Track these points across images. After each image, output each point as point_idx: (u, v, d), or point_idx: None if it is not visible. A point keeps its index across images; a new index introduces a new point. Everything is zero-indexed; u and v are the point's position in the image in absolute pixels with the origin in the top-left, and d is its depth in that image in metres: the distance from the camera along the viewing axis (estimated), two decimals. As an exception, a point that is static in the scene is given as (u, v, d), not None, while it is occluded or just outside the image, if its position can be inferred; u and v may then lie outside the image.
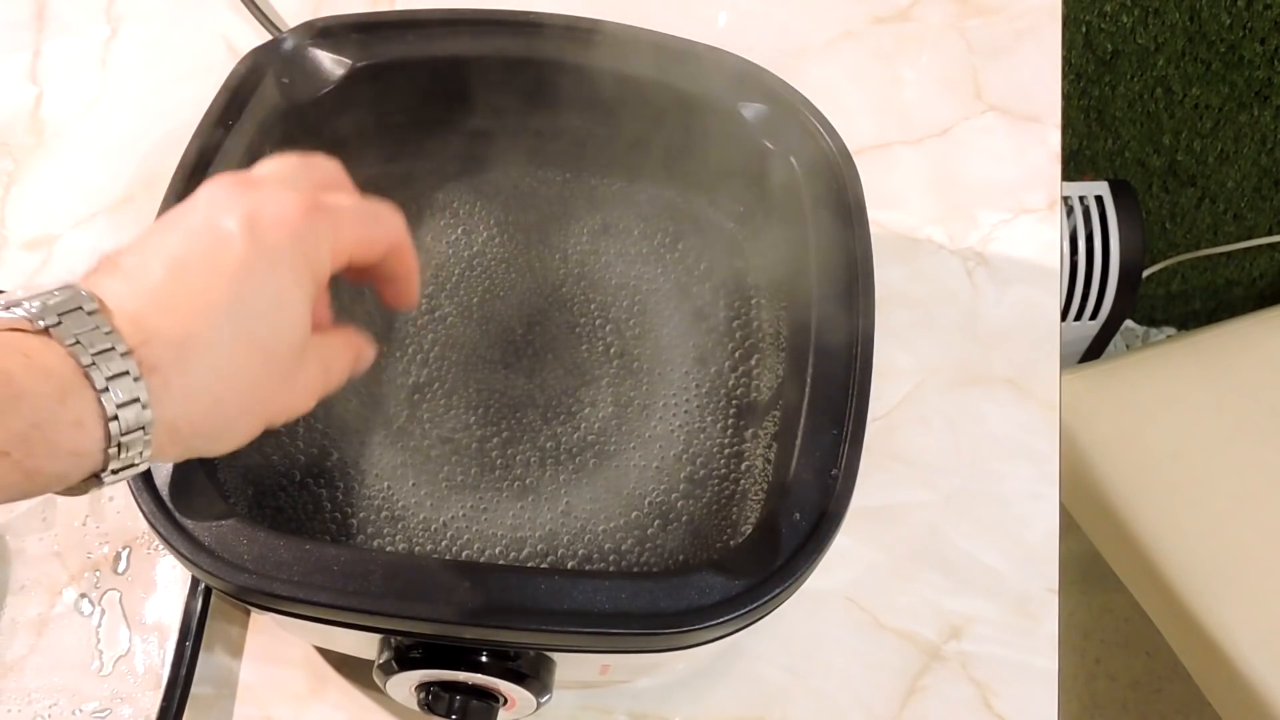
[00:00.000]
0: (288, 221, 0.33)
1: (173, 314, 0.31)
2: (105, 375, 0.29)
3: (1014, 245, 0.59)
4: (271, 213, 0.33)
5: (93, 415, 0.29)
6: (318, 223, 0.34)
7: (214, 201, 0.33)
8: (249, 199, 0.33)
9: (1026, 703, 0.51)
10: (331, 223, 0.35)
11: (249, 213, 0.33)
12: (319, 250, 0.34)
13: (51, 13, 0.65)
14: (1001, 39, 0.64)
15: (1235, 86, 1.11)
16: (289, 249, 0.33)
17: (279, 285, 0.33)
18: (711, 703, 0.51)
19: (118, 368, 0.29)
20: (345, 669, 0.51)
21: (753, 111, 0.49)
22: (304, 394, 0.35)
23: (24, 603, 0.52)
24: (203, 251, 0.32)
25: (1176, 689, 1.18)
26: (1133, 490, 0.89)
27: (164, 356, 0.30)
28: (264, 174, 0.36)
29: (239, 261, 0.32)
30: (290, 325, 0.33)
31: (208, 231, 0.32)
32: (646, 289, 0.51)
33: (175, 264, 0.32)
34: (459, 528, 0.46)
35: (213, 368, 0.31)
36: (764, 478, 0.47)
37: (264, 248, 0.32)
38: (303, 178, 0.36)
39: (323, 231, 0.34)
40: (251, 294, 0.32)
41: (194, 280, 0.31)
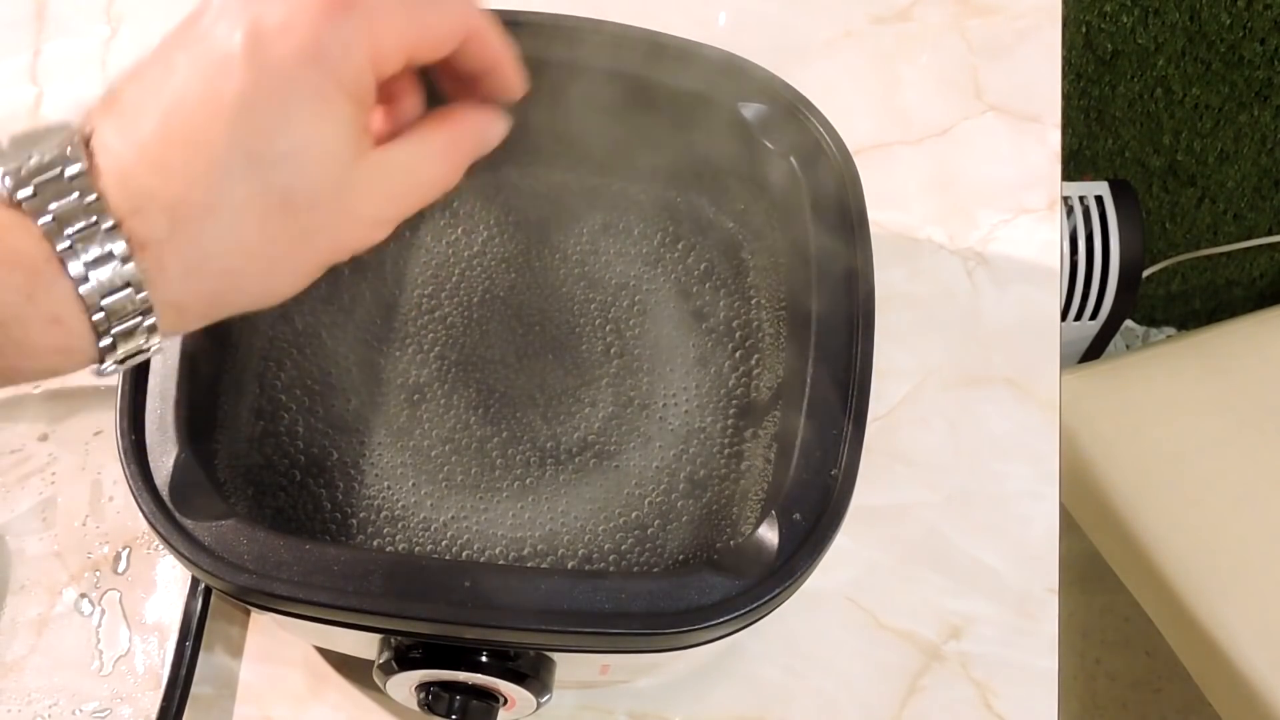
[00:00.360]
0: (299, 27, 0.26)
1: (166, 171, 0.26)
2: (84, 260, 0.25)
3: (1014, 245, 0.59)
4: (277, 18, 0.26)
5: (72, 309, 0.25)
6: (341, 22, 0.27)
7: (215, 7, 0.27)
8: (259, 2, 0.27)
9: (1026, 703, 0.51)
10: (363, 18, 0.27)
11: (252, 21, 0.26)
12: (349, 58, 0.27)
13: (51, 13, 0.65)
14: (1001, 39, 0.64)
15: (1235, 86, 1.11)
16: (304, 65, 0.26)
17: (296, 116, 0.26)
18: (711, 703, 0.51)
19: (100, 249, 0.25)
20: (345, 669, 0.51)
21: (753, 111, 0.49)
22: (371, 224, 0.29)
23: (24, 603, 0.52)
24: (200, 81, 0.26)
25: (1176, 689, 1.18)
26: (1133, 490, 0.89)
27: (157, 228, 0.25)
28: None
29: (239, 92, 0.26)
30: (320, 163, 0.27)
31: (204, 53, 0.26)
32: (646, 289, 0.51)
33: (171, 102, 0.26)
34: (459, 528, 0.46)
35: (219, 237, 0.26)
36: (764, 478, 0.47)
37: (270, 68, 0.26)
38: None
39: (351, 32, 0.27)
40: (260, 133, 0.26)
41: (189, 123, 0.26)
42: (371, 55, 0.27)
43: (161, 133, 0.26)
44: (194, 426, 0.42)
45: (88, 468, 0.54)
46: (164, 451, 0.41)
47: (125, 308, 0.25)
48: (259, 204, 0.26)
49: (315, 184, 0.27)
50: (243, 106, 0.26)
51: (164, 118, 0.26)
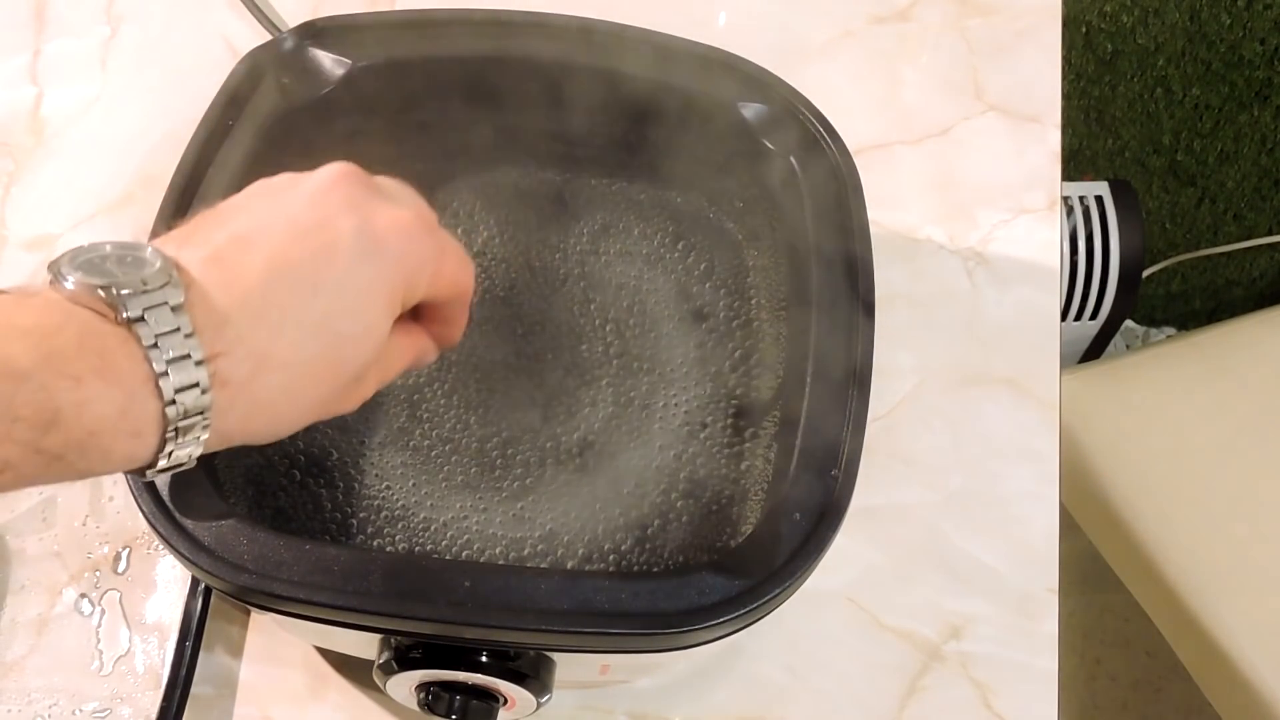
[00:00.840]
0: (405, 238, 0.32)
1: (260, 324, 0.29)
2: (174, 387, 0.28)
3: (1014, 245, 0.59)
4: (389, 223, 0.31)
5: (153, 427, 0.28)
6: (428, 249, 0.33)
7: (333, 196, 0.31)
8: (369, 203, 0.31)
9: (1026, 703, 0.51)
10: (440, 253, 0.33)
11: (367, 218, 0.31)
12: (421, 276, 0.33)
13: (51, 13, 0.65)
14: (1001, 39, 0.64)
15: (1235, 86, 1.11)
16: (395, 269, 0.32)
17: (372, 307, 0.31)
18: (711, 703, 0.51)
19: (188, 379, 0.28)
20: (345, 669, 0.51)
21: (753, 111, 0.49)
22: (357, 399, 0.34)
23: (24, 603, 0.52)
24: (309, 255, 0.30)
25: (1176, 689, 1.18)
26: (1133, 490, 0.89)
27: (239, 373, 0.29)
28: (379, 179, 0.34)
29: (339, 275, 0.30)
30: (371, 349, 0.32)
31: (319, 230, 0.31)
32: (646, 289, 0.51)
33: (276, 261, 0.30)
34: (459, 528, 0.46)
35: (284, 387, 0.30)
36: (764, 478, 0.47)
37: (368, 262, 0.31)
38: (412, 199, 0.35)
39: (429, 258, 0.33)
40: (344, 313, 0.31)
41: (291, 290, 0.30)
42: (430, 281, 0.33)
43: (265, 288, 0.29)
44: (194, 426, 0.42)
45: (88, 468, 0.54)
46: (164, 451, 0.41)
47: (191, 431, 0.29)
48: (321, 368, 0.31)
49: (363, 361, 0.32)
50: (338, 287, 0.30)
51: (269, 273, 0.29)
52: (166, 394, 0.28)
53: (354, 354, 0.32)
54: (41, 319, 0.27)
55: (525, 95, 0.50)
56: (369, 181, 0.33)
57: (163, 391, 0.28)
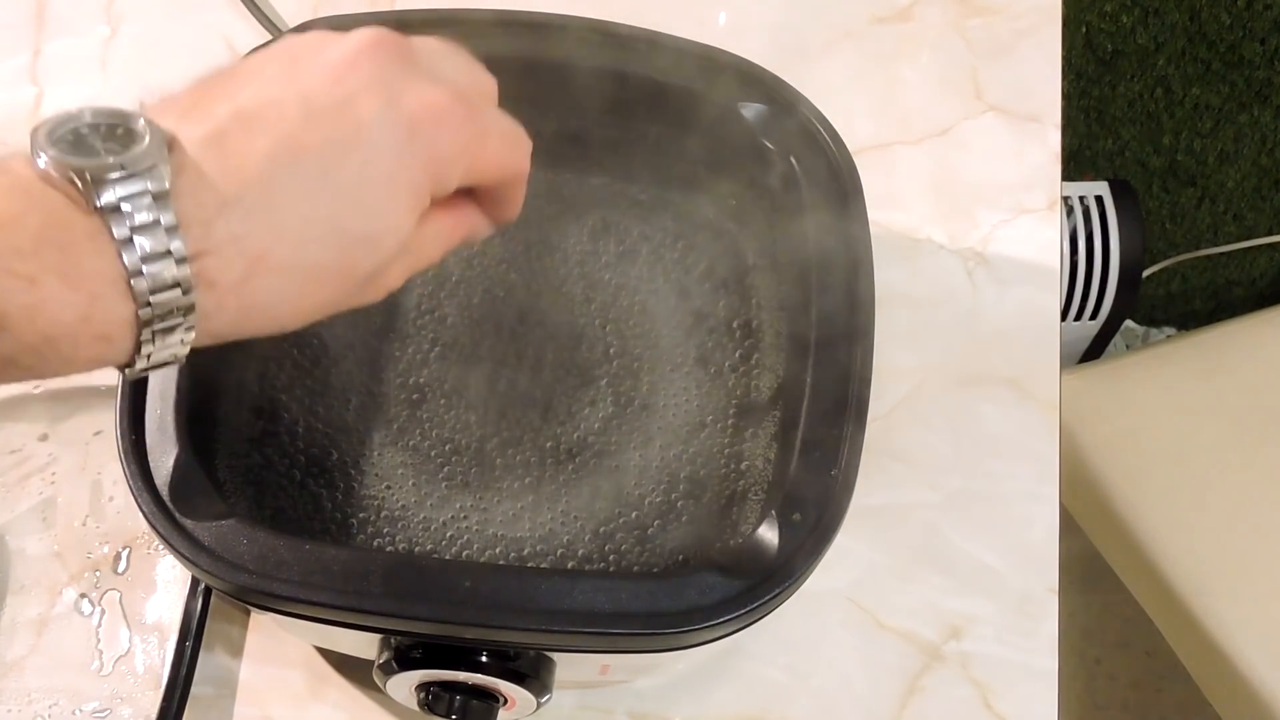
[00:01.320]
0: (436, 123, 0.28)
1: (260, 223, 0.26)
2: (149, 287, 0.24)
3: (1014, 245, 0.59)
4: (419, 105, 0.28)
5: (123, 331, 0.25)
6: (465, 136, 0.29)
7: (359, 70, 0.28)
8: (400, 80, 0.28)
9: (1026, 703, 0.51)
10: (479, 140, 0.29)
11: (394, 99, 0.27)
12: (454, 167, 0.29)
13: (51, 13, 0.65)
14: (1001, 39, 0.64)
15: (1235, 86, 1.11)
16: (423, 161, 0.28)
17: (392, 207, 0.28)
18: (711, 703, 0.51)
19: (166, 278, 0.24)
20: (345, 669, 0.51)
21: (753, 111, 0.49)
22: (380, 291, 0.30)
23: (24, 603, 0.52)
24: (322, 141, 0.26)
25: (1176, 689, 1.18)
26: (1133, 490, 0.89)
27: (229, 274, 0.25)
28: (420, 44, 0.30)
29: (359, 168, 0.27)
30: (389, 251, 0.28)
31: (337, 112, 0.27)
32: (646, 289, 0.51)
33: (284, 147, 0.26)
34: (459, 528, 0.46)
35: (282, 290, 0.27)
36: (764, 478, 0.47)
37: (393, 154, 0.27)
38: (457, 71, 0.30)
39: (465, 147, 0.29)
40: (358, 214, 0.27)
41: (299, 182, 0.26)
42: (467, 170, 0.29)
43: (267, 182, 0.26)
44: (194, 426, 0.42)
45: (88, 468, 0.54)
46: (164, 451, 0.41)
47: (172, 333, 0.25)
48: (327, 272, 0.27)
49: (377, 264, 0.28)
50: (354, 182, 0.26)
51: (273, 165, 0.26)
52: (140, 295, 0.25)
53: (367, 256, 0.28)
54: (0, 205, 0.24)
55: (525, 95, 0.50)
56: (404, 50, 0.29)
57: (135, 292, 0.24)
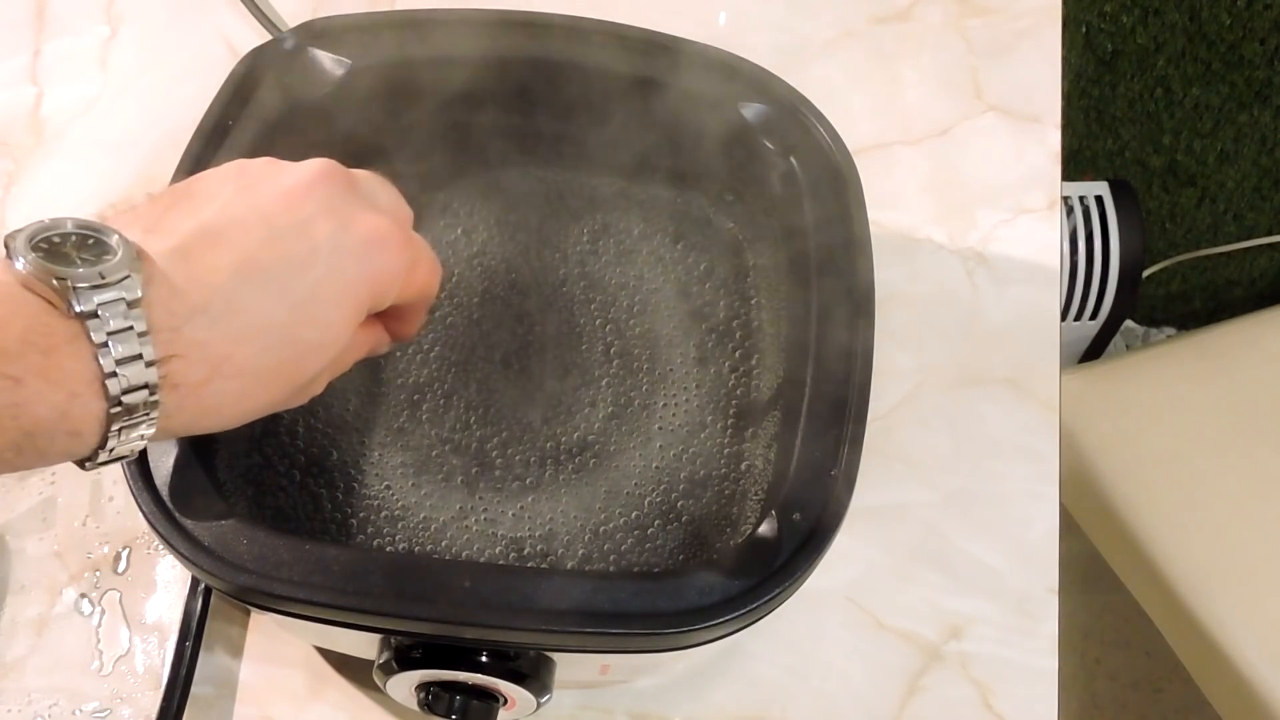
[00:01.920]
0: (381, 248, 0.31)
1: (222, 330, 0.28)
2: (121, 388, 0.26)
3: (1014, 245, 0.59)
4: (367, 231, 0.30)
5: (94, 426, 0.27)
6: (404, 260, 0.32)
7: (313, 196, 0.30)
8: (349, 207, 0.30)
9: (1026, 703, 0.51)
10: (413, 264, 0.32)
11: (345, 225, 0.30)
12: (392, 287, 0.32)
13: (51, 13, 0.65)
14: (1001, 39, 0.64)
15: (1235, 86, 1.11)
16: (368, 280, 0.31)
17: (341, 318, 0.30)
18: (711, 703, 0.51)
19: (137, 380, 0.27)
20: (345, 669, 0.51)
21: (753, 111, 0.49)
22: (306, 397, 0.34)
23: (24, 603, 0.52)
24: (281, 259, 0.29)
25: (1176, 689, 1.18)
26: (1133, 490, 0.89)
27: (192, 377, 0.28)
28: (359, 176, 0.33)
29: (313, 285, 0.29)
30: (330, 356, 0.31)
31: (295, 233, 0.29)
32: (646, 289, 0.51)
33: (246, 263, 0.28)
34: (459, 528, 0.46)
35: (237, 392, 0.29)
36: (764, 478, 0.47)
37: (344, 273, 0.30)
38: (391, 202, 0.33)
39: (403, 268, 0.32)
40: (310, 323, 0.30)
41: (259, 295, 0.28)
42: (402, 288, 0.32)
43: (230, 294, 0.28)
44: (194, 426, 0.42)
45: (88, 468, 0.54)
46: (164, 451, 0.41)
47: (135, 429, 0.27)
48: (278, 375, 0.29)
49: (321, 367, 0.31)
50: (308, 296, 0.29)
51: (236, 279, 0.28)
52: (112, 395, 0.27)
53: (313, 361, 0.31)
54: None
55: (525, 95, 0.50)
56: (350, 182, 0.32)
57: (108, 391, 0.27)
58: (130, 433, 0.27)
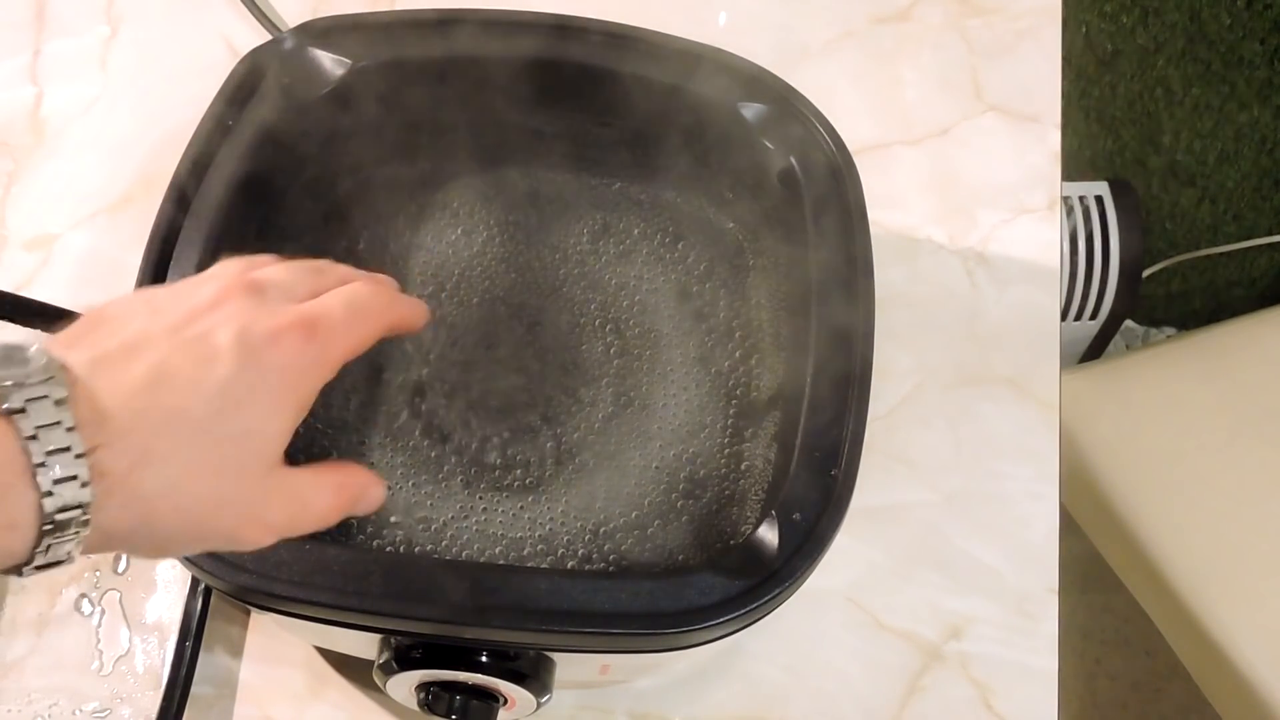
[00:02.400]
0: (282, 350, 0.32)
1: (141, 423, 0.30)
2: (52, 478, 0.28)
3: (1014, 245, 0.59)
4: (263, 334, 0.32)
5: (29, 518, 0.28)
6: (306, 349, 0.33)
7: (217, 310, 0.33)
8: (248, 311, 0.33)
9: (1026, 703, 0.51)
10: (321, 347, 0.34)
11: (244, 330, 0.32)
12: (308, 381, 0.33)
13: (51, 13, 0.65)
14: (1001, 39, 0.64)
15: (1235, 86, 1.11)
16: (277, 378, 0.32)
17: (257, 413, 0.32)
18: (711, 703, 0.51)
19: (68, 470, 0.28)
20: (345, 669, 0.51)
21: (753, 111, 0.49)
22: (264, 526, 0.33)
23: (24, 603, 0.52)
24: (189, 363, 0.31)
25: (1176, 689, 1.18)
26: (1133, 490, 0.89)
27: (118, 465, 0.29)
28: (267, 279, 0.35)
29: (222, 379, 0.31)
30: (260, 447, 0.32)
31: (201, 342, 0.32)
32: (646, 289, 0.51)
33: (158, 370, 0.31)
34: (459, 528, 0.46)
35: (163, 485, 0.30)
36: (764, 478, 0.47)
37: (250, 368, 0.32)
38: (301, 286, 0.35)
39: (313, 359, 0.33)
40: (226, 412, 0.31)
41: (171, 394, 0.30)
42: (319, 373, 0.34)
43: (146, 391, 0.30)
44: (194, 426, 0.42)
45: (88, 468, 0.54)
46: (164, 451, 0.41)
47: (69, 526, 0.28)
48: (202, 467, 0.31)
49: (248, 463, 0.32)
50: (220, 389, 0.31)
51: (150, 379, 0.30)
52: (44, 485, 0.28)
53: (239, 453, 0.32)
54: None
55: (525, 95, 0.50)
56: (254, 287, 0.34)
57: (40, 483, 0.28)
58: (65, 530, 0.28)
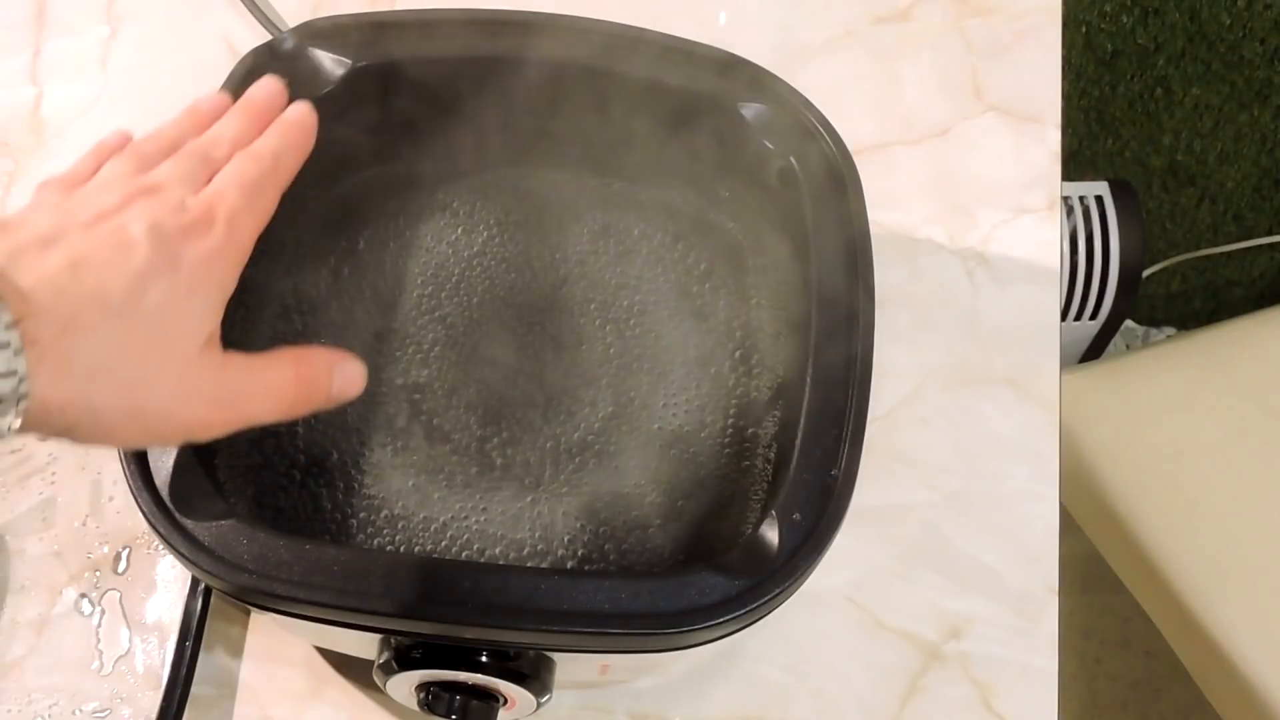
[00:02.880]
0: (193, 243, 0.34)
1: (63, 299, 0.31)
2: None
3: (1014, 245, 0.59)
4: (173, 225, 0.34)
5: None
6: (218, 238, 0.35)
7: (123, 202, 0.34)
8: (154, 208, 0.34)
9: (1026, 703, 0.51)
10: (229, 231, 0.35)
11: (154, 222, 0.34)
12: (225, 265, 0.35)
13: (51, 13, 0.65)
14: (1001, 39, 0.64)
15: (1235, 86, 1.11)
16: (193, 266, 0.34)
17: (176, 291, 0.33)
18: (711, 703, 0.51)
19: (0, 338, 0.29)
20: (345, 669, 0.51)
21: (753, 111, 0.49)
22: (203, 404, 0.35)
23: (24, 603, 0.52)
24: (105, 253, 0.33)
25: (1176, 689, 1.18)
26: (1133, 490, 0.89)
27: (46, 333, 0.30)
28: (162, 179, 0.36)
29: (139, 266, 0.33)
30: (186, 327, 0.34)
31: (115, 234, 0.33)
32: (646, 289, 0.51)
33: (74, 257, 0.32)
34: (459, 528, 0.46)
35: (93, 353, 0.31)
36: (764, 478, 0.47)
37: (165, 256, 0.33)
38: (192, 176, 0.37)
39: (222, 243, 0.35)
40: (146, 296, 0.33)
41: (90, 277, 0.32)
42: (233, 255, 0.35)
43: (65, 272, 0.32)
44: (194, 426, 0.42)
45: (88, 468, 0.54)
46: (164, 451, 0.41)
47: (6, 392, 0.29)
48: (129, 338, 0.32)
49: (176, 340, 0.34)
50: (136, 274, 0.33)
51: (69, 263, 0.32)
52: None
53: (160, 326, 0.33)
54: None
55: (525, 95, 0.50)
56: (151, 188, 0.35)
57: None
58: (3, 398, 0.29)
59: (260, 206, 0.37)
